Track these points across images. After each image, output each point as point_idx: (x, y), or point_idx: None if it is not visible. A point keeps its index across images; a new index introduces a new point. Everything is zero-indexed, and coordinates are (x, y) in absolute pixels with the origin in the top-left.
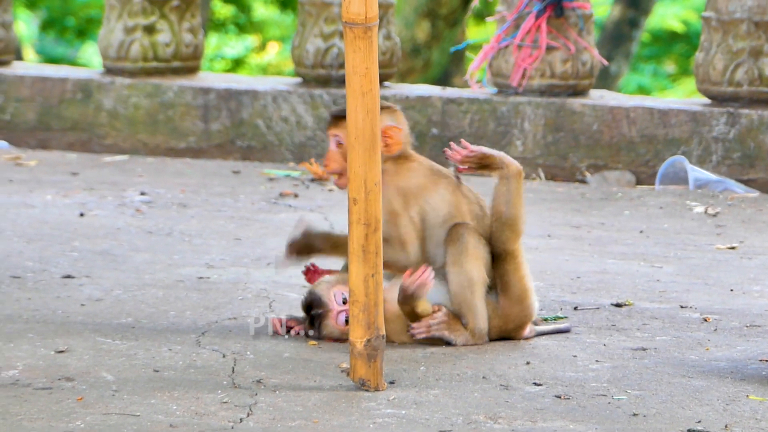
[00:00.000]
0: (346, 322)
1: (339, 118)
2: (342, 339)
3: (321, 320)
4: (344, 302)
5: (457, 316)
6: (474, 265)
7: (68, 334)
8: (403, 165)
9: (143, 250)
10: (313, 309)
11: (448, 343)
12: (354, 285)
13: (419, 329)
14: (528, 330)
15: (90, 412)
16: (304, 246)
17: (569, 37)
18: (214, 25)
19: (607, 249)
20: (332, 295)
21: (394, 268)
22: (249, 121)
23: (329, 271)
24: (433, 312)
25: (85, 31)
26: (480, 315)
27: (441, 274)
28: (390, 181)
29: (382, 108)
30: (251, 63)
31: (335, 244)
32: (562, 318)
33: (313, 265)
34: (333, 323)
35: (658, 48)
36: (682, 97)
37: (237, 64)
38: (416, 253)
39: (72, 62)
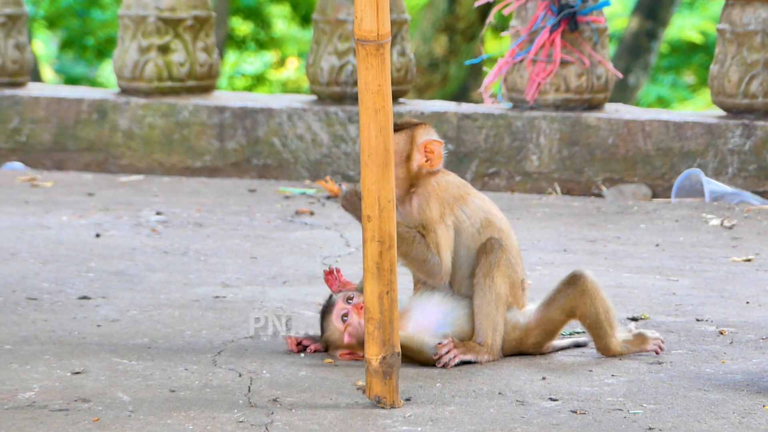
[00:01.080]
0: (344, 319)
1: None
2: (343, 346)
3: (325, 317)
4: (348, 300)
5: (463, 340)
6: (503, 281)
7: (84, 355)
8: (441, 177)
9: (159, 270)
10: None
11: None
12: (369, 302)
13: (448, 357)
14: (545, 346)
15: None
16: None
17: (584, 51)
18: (234, 42)
19: (622, 263)
20: (342, 295)
21: (422, 271)
22: (264, 140)
23: (348, 283)
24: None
25: (104, 50)
26: (499, 333)
27: (453, 291)
28: (432, 191)
29: (415, 124)
30: (272, 79)
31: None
32: (579, 333)
33: (337, 270)
34: (334, 318)
35: (676, 59)
36: (701, 107)
37: (258, 80)
38: (448, 263)
39: (91, 81)
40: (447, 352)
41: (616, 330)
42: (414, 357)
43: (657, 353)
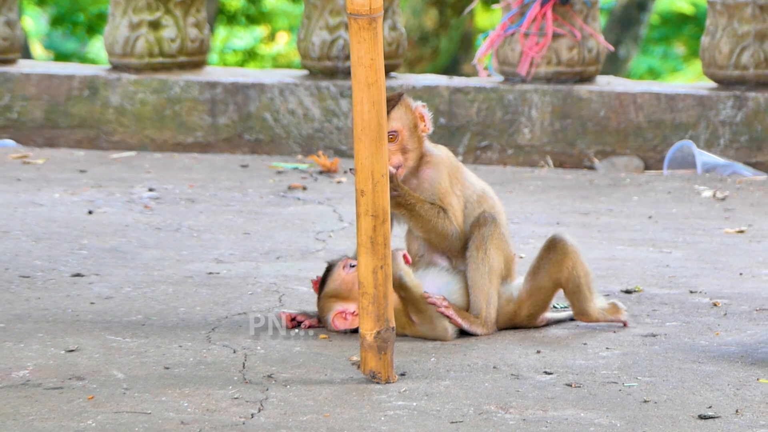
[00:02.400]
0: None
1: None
2: (344, 296)
3: (329, 274)
4: (351, 266)
5: (461, 309)
6: (497, 254)
7: (78, 333)
8: (441, 149)
9: (152, 247)
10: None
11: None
12: (363, 277)
13: (440, 302)
14: (539, 319)
15: (101, 411)
16: None
17: (575, 24)
18: (224, 17)
19: (615, 235)
20: (342, 262)
21: (444, 243)
22: (256, 115)
23: None
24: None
25: (94, 26)
26: (493, 305)
27: (449, 264)
28: (440, 162)
29: (400, 95)
30: (262, 54)
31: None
32: None
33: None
34: (339, 270)
35: (667, 30)
36: (692, 78)
37: (249, 55)
38: (463, 229)
39: (82, 57)
40: (443, 303)
41: (594, 295)
42: (417, 305)
43: (625, 325)
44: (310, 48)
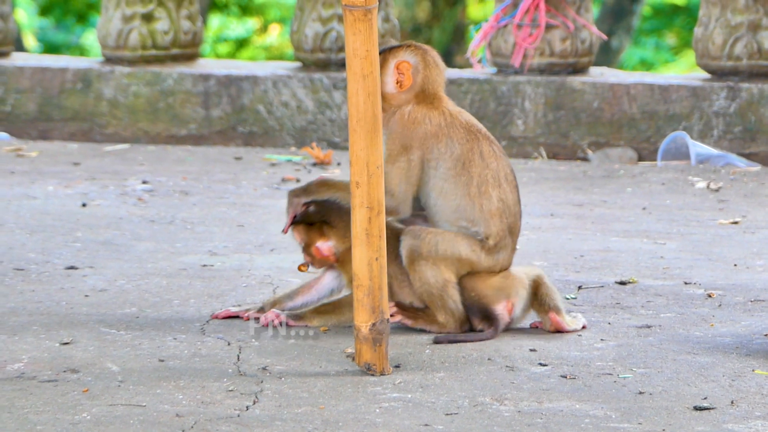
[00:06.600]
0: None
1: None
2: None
3: None
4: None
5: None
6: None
7: (72, 326)
8: (418, 109)
9: (146, 239)
10: None
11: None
12: (358, 269)
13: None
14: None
15: (96, 404)
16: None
17: (568, 15)
18: (217, 8)
19: (609, 227)
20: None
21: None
22: (250, 107)
23: None
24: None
25: (86, 17)
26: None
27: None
28: (396, 121)
29: (395, 46)
30: (255, 45)
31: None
32: (570, 299)
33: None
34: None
35: (659, 21)
36: (685, 70)
37: (241, 45)
38: (404, 199)
39: (77, 48)
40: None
41: None
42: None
43: None
44: (303, 40)
